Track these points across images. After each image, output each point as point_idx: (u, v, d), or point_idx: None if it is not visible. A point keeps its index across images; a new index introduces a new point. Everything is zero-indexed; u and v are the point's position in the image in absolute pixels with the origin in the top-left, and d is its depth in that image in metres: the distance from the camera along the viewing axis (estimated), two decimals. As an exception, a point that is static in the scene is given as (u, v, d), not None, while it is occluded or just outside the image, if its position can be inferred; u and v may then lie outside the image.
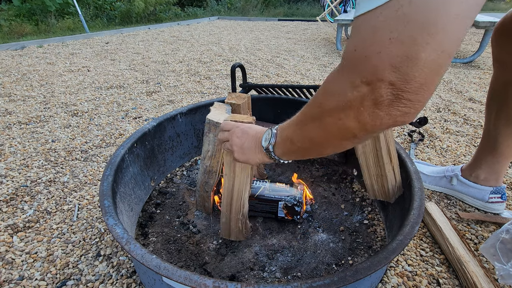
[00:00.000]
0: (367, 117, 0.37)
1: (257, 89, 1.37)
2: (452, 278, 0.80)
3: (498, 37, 0.83)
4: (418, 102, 0.35)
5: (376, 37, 0.34)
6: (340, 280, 0.52)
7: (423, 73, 0.33)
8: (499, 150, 0.94)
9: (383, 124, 0.37)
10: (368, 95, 0.36)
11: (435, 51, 0.32)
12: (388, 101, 0.35)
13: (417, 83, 0.33)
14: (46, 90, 2.20)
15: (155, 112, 1.84)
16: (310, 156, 0.56)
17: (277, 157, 0.59)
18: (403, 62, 0.32)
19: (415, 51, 0.32)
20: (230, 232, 0.87)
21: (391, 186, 0.77)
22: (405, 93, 0.34)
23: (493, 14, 6.39)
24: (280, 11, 7.90)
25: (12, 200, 1.08)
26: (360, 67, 0.36)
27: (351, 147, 0.47)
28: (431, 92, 0.35)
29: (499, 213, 1.00)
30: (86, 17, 5.39)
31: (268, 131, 0.59)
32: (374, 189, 0.79)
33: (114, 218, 0.66)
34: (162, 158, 1.14)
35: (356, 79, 0.36)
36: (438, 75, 0.34)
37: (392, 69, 0.33)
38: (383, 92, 0.35)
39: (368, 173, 0.77)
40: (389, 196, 0.79)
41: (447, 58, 0.33)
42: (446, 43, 0.32)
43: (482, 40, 2.74)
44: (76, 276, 0.80)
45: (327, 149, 0.48)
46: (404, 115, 0.36)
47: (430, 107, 1.89)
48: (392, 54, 0.33)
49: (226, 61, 3.07)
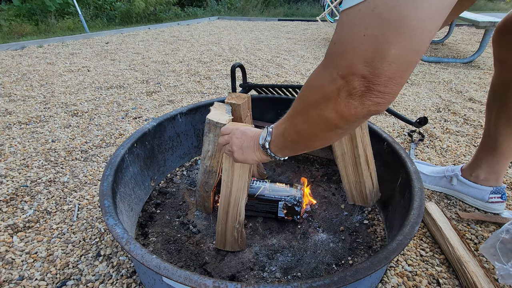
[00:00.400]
0: (344, 107, 0.40)
1: (257, 89, 1.37)
2: (452, 278, 0.80)
3: (500, 36, 0.83)
4: (388, 94, 0.38)
5: (353, 33, 0.36)
6: (340, 280, 0.52)
7: (391, 68, 0.36)
8: (500, 150, 0.94)
9: (358, 113, 0.40)
10: (343, 87, 0.39)
11: (404, 49, 0.35)
12: (361, 92, 0.38)
13: (386, 77, 0.36)
14: (46, 90, 2.20)
15: (155, 112, 1.84)
16: (301, 150, 0.58)
17: (273, 153, 0.62)
18: (375, 58, 0.35)
19: (386, 48, 0.35)
20: (226, 241, 0.84)
21: (369, 192, 0.80)
22: (376, 86, 0.37)
23: (493, 14, 6.39)
24: (280, 11, 7.90)
25: (12, 200, 1.08)
26: (337, 61, 0.39)
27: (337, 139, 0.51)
28: (400, 85, 0.38)
29: (499, 213, 1.00)
30: (86, 17, 5.39)
31: (265, 130, 0.62)
32: (353, 195, 0.82)
33: (114, 218, 0.66)
34: (162, 158, 1.14)
35: (334, 73, 0.40)
36: (406, 71, 0.37)
37: (364, 64, 0.36)
38: (356, 84, 0.38)
39: (347, 180, 0.80)
40: (367, 201, 0.82)
41: (415, 55, 0.36)
42: (414, 42, 0.35)
43: (482, 40, 2.74)
44: (76, 276, 0.80)
45: (315, 142, 0.51)
46: (376, 105, 0.39)
47: (430, 107, 1.89)
48: (365, 50, 0.36)
49: (226, 61, 3.07)
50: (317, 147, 0.53)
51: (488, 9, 8.18)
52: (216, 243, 0.87)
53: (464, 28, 4.92)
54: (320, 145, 0.52)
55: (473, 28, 4.83)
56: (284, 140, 0.57)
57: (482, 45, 2.75)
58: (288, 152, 0.61)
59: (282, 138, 0.57)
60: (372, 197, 0.79)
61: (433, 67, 2.79)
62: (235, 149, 0.67)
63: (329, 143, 0.52)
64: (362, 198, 0.79)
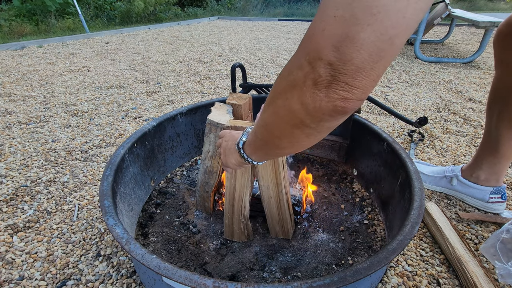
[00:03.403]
0: (308, 98, 0.37)
1: (257, 89, 1.37)
2: (452, 278, 0.80)
3: (502, 39, 0.83)
4: (356, 88, 0.34)
5: (324, 15, 0.33)
6: (340, 280, 0.52)
7: (360, 55, 0.32)
8: (501, 151, 0.93)
9: (323, 107, 0.36)
10: (309, 74, 0.35)
11: (375, 33, 0.31)
12: (327, 82, 0.34)
13: (354, 65, 0.33)
14: (46, 90, 2.20)
15: (155, 112, 1.84)
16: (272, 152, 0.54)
17: (246, 155, 0.58)
18: (342, 42, 0.32)
19: (355, 31, 0.31)
20: (233, 233, 0.89)
21: (290, 226, 0.89)
22: (342, 75, 0.33)
23: (493, 14, 6.39)
24: (280, 11, 7.90)
25: (12, 200, 1.08)
26: (306, 45, 0.36)
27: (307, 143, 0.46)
28: (371, 80, 0.34)
29: (499, 213, 1.00)
30: (86, 17, 5.39)
31: (246, 130, 0.58)
32: (276, 231, 0.90)
33: (114, 218, 0.66)
34: (162, 158, 1.14)
35: (301, 58, 0.36)
36: (378, 61, 0.33)
37: (331, 48, 0.33)
38: (322, 71, 0.34)
39: (271, 219, 0.89)
40: (288, 234, 0.90)
41: (388, 43, 0.32)
42: (387, 26, 0.31)
43: (482, 40, 2.74)
44: (76, 276, 0.80)
45: (282, 140, 0.46)
46: (344, 100, 0.35)
47: (430, 107, 1.89)
48: (334, 32, 0.32)
49: (226, 61, 3.07)
50: (287, 149, 0.49)
51: (488, 9, 8.18)
52: (224, 233, 0.91)
53: (464, 28, 4.92)
54: (288, 146, 0.47)
55: (473, 28, 4.83)
56: (255, 139, 0.53)
57: (482, 45, 2.75)
58: (261, 155, 0.56)
59: (254, 137, 0.53)
60: (291, 230, 0.90)
61: (433, 67, 2.79)
62: (222, 152, 0.67)
63: (299, 145, 0.47)
64: (284, 232, 0.90)
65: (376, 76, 0.34)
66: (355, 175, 1.15)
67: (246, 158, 0.59)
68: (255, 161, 0.59)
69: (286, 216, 0.86)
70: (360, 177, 1.13)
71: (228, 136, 0.67)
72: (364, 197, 1.08)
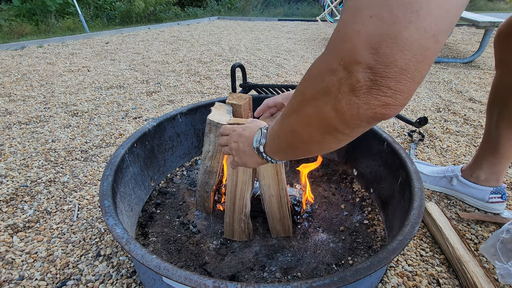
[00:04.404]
0: (344, 105, 0.34)
1: (257, 89, 1.37)
2: (452, 278, 0.80)
3: (503, 38, 0.83)
4: (400, 92, 0.32)
5: (357, 15, 0.31)
6: (340, 280, 0.52)
7: (404, 56, 0.29)
8: (501, 151, 0.93)
9: (361, 115, 0.34)
10: (345, 80, 0.32)
11: (418, 31, 0.29)
12: (366, 87, 0.32)
13: (397, 67, 0.30)
14: (46, 90, 2.20)
15: (155, 112, 1.84)
16: (299, 155, 0.52)
17: (269, 157, 0.57)
18: (383, 42, 0.29)
19: (396, 30, 0.29)
20: (234, 232, 0.89)
21: (290, 223, 0.89)
22: (385, 79, 0.31)
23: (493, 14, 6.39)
24: (280, 11, 7.90)
25: (12, 200, 1.08)
26: (339, 48, 0.33)
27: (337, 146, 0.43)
28: (415, 82, 0.31)
29: (499, 213, 1.00)
30: (86, 17, 5.39)
31: (258, 132, 0.57)
32: (277, 230, 0.90)
33: (114, 218, 0.66)
34: (162, 158, 1.14)
35: (334, 62, 0.33)
36: (422, 62, 0.31)
37: (370, 50, 0.30)
38: (360, 76, 0.31)
39: (272, 219, 0.89)
40: (289, 232, 0.91)
41: (432, 40, 0.30)
42: (431, 22, 0.29)
43: (482, 40, 2.74)
44: (76, 276, 0.80)
45: (311, 146, 0.45)
46: (385, 106, 0.32)
47: (430, 107, 1.89)
48: (371, 33, 0.30)
49: (226, 61, 3.07)
50: (315, 153, 0.47)
51: (488, 9, 8.18)
52: (225, 233, 0.91)
53: (464, 28, 4.92)
54: (317, 150, 0.45)
55: (473, 28, 4.83)
56: (279, 142, 0.51)
57: (482, 45, 2.75)
58: (285, 156, 0.55)
59: (277, 140, 0.51)
60: (291, 227, 0.90)
61: (433, 67, 2.79)
62: (234, 153, 0.65)
63: (328, 149, 0.45)
64: (285, 230, 0.90)
65: (420, 77, 0.32)
66: (355, 175, 1.15)
67: (270, 160, 0.57)
68: (278, 161, 0.58)
69: (287, 213, 0.86)
70: (360, 177, 1.13)
71: (235, 137, 0.65)
72: (364, 197, 1.08)
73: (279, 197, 0.84)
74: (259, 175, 0.81)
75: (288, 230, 0.90)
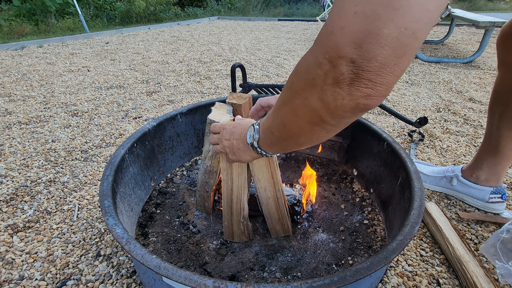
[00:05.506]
0: (330, 96, 0.36)
1: (257, 89, 1.37)
2: (452, 278, 0.80)
3: (506, 39, 0.83)
4: (380, 85, 0.34)
5: (342, 11, 0.33)
6: (340, 280, 0.52)
7: (384, 51, 0.31)
8: (502, 152, 0.93)
9: (345, 105, 0.36)
10: (330, 73, 0.35)
11: (398, 28, 0.30)
12: (349, 80, 0.34)
13: (378, 62, 0.32)
14: (46, 90, 2.20)
15: (155, 112, 1.84)
16: (292, 147, 0.54)
17: (263, 151, 0.59)
18: (365, 38, 0.31)
19: (377, 27, 0.31)
20: (233, 234, 0.89)
21: (289, 222, 0.89)
22: (366, 73, 0.33)
23: (493, 14, 6.40)
24: (280, 11, 7.90)
25: (12, 200, 1.08)
26: (325, 43, 0.35)
27: (325, 137, 0.46)
28: (395, 75, 0.34)
29: (499, 213, 1.00)
30: (86, 17, 5.39)
31: (251, 127, 0.59)
32: (276, 230, 0.90)
33: (114, 218, 0.66)
34: (162, 158, 1.14)
35: (320, 56, 0.36)
36: (402, 57, 0.32)
37: (353, 46, 0.32)
38: (344, 69, 0.34)
39: (271, 220, 0.89)
40: (289, 231, 0.91)
41: (411, 37, 0.31)
42: (411, 20, 0.30)
43: (482, 40, 2.74)
44: (76, 276, 0.80)
45: (301, 137, 0.47)
46: (367, 97, 0.35)
47: (430, 107, 1.89)
48: (355, 30, 0.32)
49: (226, 61, 3.07)
50: (306, 144, 0.49)
51: (488, 9, 8.18)
52: (224, 235, 0.91)
53: (464, 28, 4.92)
54: (307, 141, 0.48)
55: (473, 28, 4.83)
56: (272, 136, 0.53)
57: (482, 45, 2.75)
58: (278, 149, 0.57)
59: (269, 134, 0.53)
60: (290, 226, 0.90)
61: (433, 67, 2.79)
62: (227, 151, 0.66)
63: (318, 140, 0.48)
64: (284, 229, 0.90)
65: (400, 71, 0.34)
66: (355, 175, 1.15)
67: (265, 154, 0.60)
68: (272, 155, 0.61)
69: (285, 213, 0.87)
70: (360, 177, 1.13)
71: (227, 134, 0.65)
72: (364, 197, 1.08)
73: (276, 198, 0.84)
74: (254, 178, 0.81)
75: (287, 229, 0.90)
